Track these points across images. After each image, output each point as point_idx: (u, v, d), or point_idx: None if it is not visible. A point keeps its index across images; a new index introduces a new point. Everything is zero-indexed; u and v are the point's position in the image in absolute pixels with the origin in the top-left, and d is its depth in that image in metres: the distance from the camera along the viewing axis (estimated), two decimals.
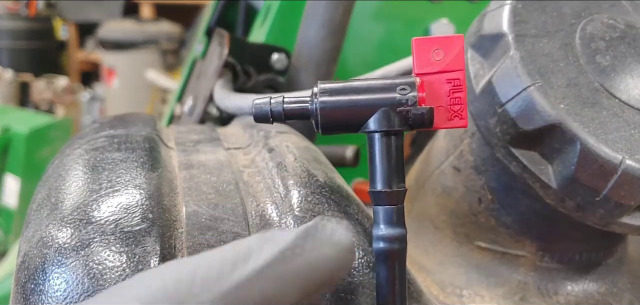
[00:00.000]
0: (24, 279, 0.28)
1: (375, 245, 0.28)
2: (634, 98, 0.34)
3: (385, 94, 0.28)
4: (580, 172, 0.32)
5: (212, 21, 0.97)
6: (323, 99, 0.29)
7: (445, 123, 0.29)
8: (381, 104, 0.28)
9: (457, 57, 0.29)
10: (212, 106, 0.60)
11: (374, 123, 0.28)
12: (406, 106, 0.28)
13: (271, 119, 0.31)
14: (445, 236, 0.43)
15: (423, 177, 0.45)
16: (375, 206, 0.28)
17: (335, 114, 0.29)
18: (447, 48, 0.29)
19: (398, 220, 0.28)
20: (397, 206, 0.28)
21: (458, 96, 0.29)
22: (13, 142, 2.10)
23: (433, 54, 0.29)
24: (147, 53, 3.14)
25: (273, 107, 0.30)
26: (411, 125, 0.28)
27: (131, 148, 0.34)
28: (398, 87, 0.28)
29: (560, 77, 0.34)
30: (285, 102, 0.30)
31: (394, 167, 0.28)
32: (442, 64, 0.29)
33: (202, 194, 0.32)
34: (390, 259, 0.28)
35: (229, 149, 0.40)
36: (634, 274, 0.43)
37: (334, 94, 0.29)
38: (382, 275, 0.28)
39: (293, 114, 0.30)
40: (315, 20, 0.56)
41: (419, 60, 0.29)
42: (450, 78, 0.29)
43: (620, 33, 0.36)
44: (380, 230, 0.28)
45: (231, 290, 0.18)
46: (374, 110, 0.28)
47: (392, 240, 0.28)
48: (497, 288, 0.40)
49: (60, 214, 0.29)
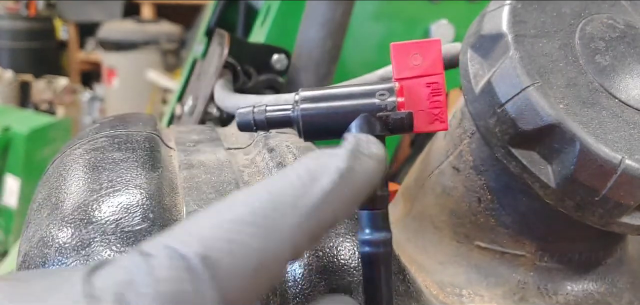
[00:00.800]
0: None
1: (361, 249, 0.28)
2: (633, 98, 0.34)
3: (365, 99, 0.29)
4: (579, 172, 0.32)
5: (212, 21, 0.97)
6: (304, 106, 0.29)
7: (426, 126, 0.30)
8: (361, 110, 0.28)
9: (435, 61, 0.29)
10: (212, 106, 0.61)
11: (355, 128, 0.28)
12: (385, 111, 0.28)
13: (255, 127, 0.31)
14: (445, 236, 0.43)
15: (423, 177, 0.45)
16: (360, 211, 0.28)
17: (317, 120, 0.29)
18: (425, 52, 0.29)
19: (383, 224, 0.28)
20: (381, 211, 0.28)
21: (437, 99, 0.29)
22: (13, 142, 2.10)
23: (411, 58, 0.29)
24: (147, 53, 3.14)
25: (256, 115, 0.31)
26: (392, 130, 0.28)
27: (132, 148, 0.34)
28: (377, 93, 0.29)
29: (560, 77, 0.34)
30: (268, 110, 0.31)
31: None
32: (421, 69, 0.29)
33: (202, 193, 0.32)
34: (376, 262, 0.28)
35: (229, 149, 0.40)
36: (634, 273, 0.43)
37: (314, 101, 0.29)
38: (368, 279, 0.28)
39: (276, 122, 0.31)
40: (315, 20, 0.56)
41: (398, 65, 0.30)
42: (429, 82, 0.29)
43: (620, 33, 0.36)
44: (365, 234, 0.28)
45: (310, 212, 0.21)
46: (354, 116, 0.28)
47: (378, 244, 0.28)
48: (496, 288, 0.40)
49: (60, 214, 0.29)
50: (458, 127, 0.41)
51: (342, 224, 0.31)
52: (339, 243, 0.31)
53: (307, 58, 0.57)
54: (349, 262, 0.30)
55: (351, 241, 0.31)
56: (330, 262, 0.30)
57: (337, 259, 0.30)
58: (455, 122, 0.42)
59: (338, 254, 0.30)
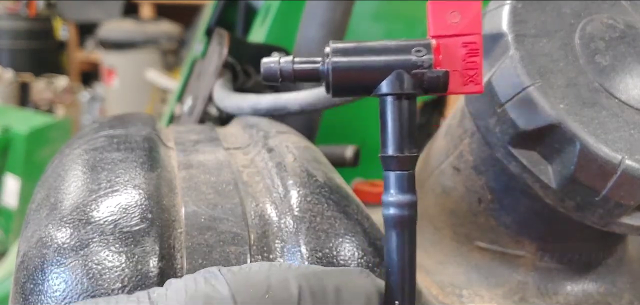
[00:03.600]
0: (23, 279, 0.28)
1: (384, 211, 0.27)
2: (633, 98, 0.34)
3: (400, 55, 0.27)
4: (579, 172, 0.32)
5: (212, 21, 0.97)
6: (336, 59, 0.28)
7: (460, 88, 0.28)
8: (396, 66, 0.27)
9: (473, 20, 0.28)
10: (211, 106, 0.60)
11: (386, 86, 0.27)
12: (421, 68, 0.27)
13: (280, 78, 0.29)
14: (445, 236, 0.43)
15: (423, 177, 0.45)
16: (386, 171, 0.27)
17: (348, 75, 0.28)
18: (464, 11, 0.28)
19: (409, 186, 0.27)
20: (408, 172, 0.27)
21: (474, 60, 0.28)
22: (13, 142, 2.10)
23: (449, 16, 0.28)
24: (147, 53, 3.14)
25: (282, 66, 0.29)
26: (426, 89, 0.27)
27: (130, 148, 0.34)
28: (414, 48, 0.27)
29: (560, 77, 0.34)
30: (296, 61, 0.29)
31: (406, 132, 0.27)
32: (459, 28, 0.28)
33: (201, 194, 0.32)
34: (400, 225, 0.27)
35: (228, 149, 0.40)
36: (634, 274, 0.43)
37: (347, 54, 0.28)
38: (391, 241, 0.27)
39: (303, 74, 0.29)
40: (315, 20, 0.56)
41: (435, 22, 0.28)
42: (466, 41, 0.28)
43: (620, 33, 0.36)
44: (390, 195, 0.27)
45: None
46: (387, 72, 0.27)
47: (403, 206, 0.27)
48: (496, 288, 0.40)
49: (59, 214, 0.29)
50: (458, 127, 0.41)
51: (341, 223, 0.31)
52: (339, 243, 0.31)
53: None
54: (348, 263, 0.30)
55: (351, 241, 0.31)
56: (330, 263, 0.30)
57: (337, 260, 0.30)
58: (455, 122, 0.42)
59: (338, 254, 0.30)
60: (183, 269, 0.28)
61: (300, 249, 0.30)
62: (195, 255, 0.29)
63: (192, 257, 0.29)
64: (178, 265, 0.28)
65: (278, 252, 0.30)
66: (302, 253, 0.30)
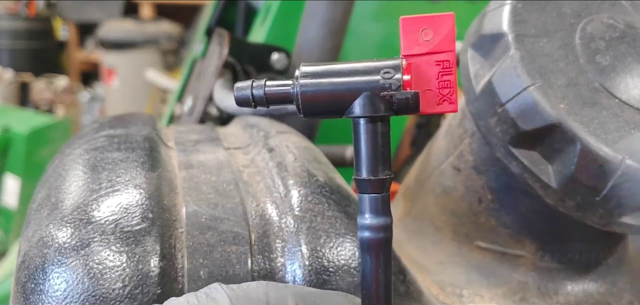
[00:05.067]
0: (24, 279, 0.28)
1: (360, 234, 0.27)
2: (633, 98, 0.34)
3: (368, 77, 0.27)
4: (580, 172, 0.32)
5: (212, 21, 0.97)
6: (304, 81, 0.28)
7: (434, 107, 0.28)
8: (364, 88, 0.27)
9: (446, 37, 0.27)
10: (212, 106, 0.60)
11: (358, 108, 0.27)
12: (389, 91, 0.27)
13: (253, 103, 0.29)
14: (445, 236, 0.43)
15: (423, 177, 0.45)
16: (361, 194, 0.27)
17: (317, 97, 0.28)
18: (436, 28, 0.28)
19: (384, 209, 0.27)
20: (382, 194, 0.27)
21: (447, 79, 0.27)
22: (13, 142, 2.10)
23: (421, 34, 0.28)
24: (147, 53, 3.14)
25: (255, 90, 0.29)
26: (396, 111, 0.27)
27: (131, 148, 0.34)
28: (382, 70, 0.27)
29: (560, 76, 0.34)
30: (267, 86, 0.29)
31: (380, 154, 0.27)
32: (431, 45, 0.28)
33: (202, 193, 0.32)
34: (375, 248, 0.27)
35: (228, 148, 0.40)
36: (634, 274, 0.43)
37: (316, 76, 0.28)
38: (367, 264, 0.27)
39: (275, 98, 0.29)
40: (315, 20, 0.56)
41: (406, 41, 0.28)
42: (439, 60, 0.28)
43: (620, 33, 0.36)
44: (365, 219, 0.27)
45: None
46: (356, 95, 0.27)
47: (378, 229, 0.27)
48: (497, 288, 0.40)
49: (60, 214, 0.29)
50: (458, 127, 0.41)
51: (342, 223, 0.31)
52: (339, 243, 0.31)
53: (307, 58, 0.57)
54: (349, 263, 0.30)
55: (351, 241, 0.31)
56: (330, 262, 0.30)
57: (337, 259, 0.30)
58: (455, 122, 0.42)
59: (338, 254, 0.30)
60: (184, 269, 0.28)
61: (301, 249, 0.30)
62: (196, 254, 0.29)
63: (193, 256, 0.29)
64: (179, 264, 0.28)
65: (279, 251, 0.30)
66: (303, 252, 0.30)
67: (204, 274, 0.28)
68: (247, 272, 0.29)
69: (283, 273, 0.30)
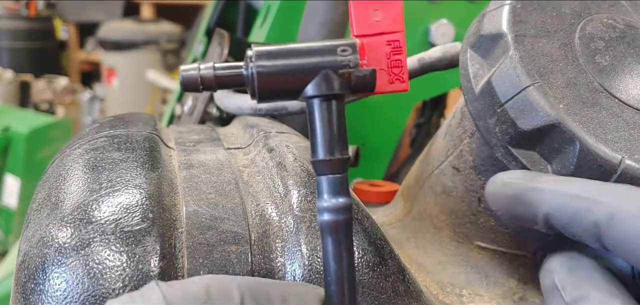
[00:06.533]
0: (24, 279, 0.28)
1: (319, 217, 0.26)
2: (633, 98, 0.34)
3: (325, 56, 0.27)
4: (579, 172, 0.32)
5: (212, 21, 0.97)
6: (260, 63, 0.27)
7: (387, 86, 0.28)
8: (322, 67, 0.27)
9: (395, 18, 0.28)
10: (212, 106, 0.60)
11: (313, 88, 0.26)
12: (348, 68, 0.27)
13: (201, 87, 0.28)
14: (445, 236, 0.43)
15: (423, 177, 0.45)
16: (318, 176, 0.27)
17: (273, 79, 0.27)
18: (386, 10, 0.28)
19: (342, 190, 0.26)
20: (340, 175, 0.26)
21: (398, 58, 0.28)
22: (13, 142, 2.10)
23: (372, 14, 0.28)
24: (147, 53, 3.15)
25: (203, 73, 0.28)
26: (353, 89, 0.27)
27: (131, 148, 0.34)
28: (339, 48, 0.27)
29: (560, 77, 0.34)
30: (217, 67, 0.28)
31: (336, 134, 0.27)
32: (382, 26, 0.28)
33: (202, 193, 0.32)
34: (335, 230, 0.26)
35: (229, 148, 0.40)
36: None
37: (271, 57, 0.27)
38: (328, 249, 0.26)
39: (226, 81, 0.28)
40: (315, 20, 0.56)
41: (358, 21, 0.28)
42: (390, 40, 0.28)
43: (619, 33, 0.36)
44: (324, 201, 0.26)
45: None
46: (314, 74, 0.27)
47: (337, 211, 0.26)
48: (496, 288, 0.40)
49: (60, 214, 0.29)
50: (458, 127, 0.41)
51: None
52: None
53: None
54: None
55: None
56: None
57: None
58: (455, 122, 0.42)
59: None
60: (184, 269, 0.28)
61: (301, 249, 0.30)
62: (196, 254, 0.29)
63: (193, 256, 0.29)
64: (179, 264, 0.28)
65: (279, 251, 0.30)
66: (303, 252, 0.30)
67: (204, 273, 0.28)
68: (247, 271, 0.29)
69: (283, 273, 0.30)
